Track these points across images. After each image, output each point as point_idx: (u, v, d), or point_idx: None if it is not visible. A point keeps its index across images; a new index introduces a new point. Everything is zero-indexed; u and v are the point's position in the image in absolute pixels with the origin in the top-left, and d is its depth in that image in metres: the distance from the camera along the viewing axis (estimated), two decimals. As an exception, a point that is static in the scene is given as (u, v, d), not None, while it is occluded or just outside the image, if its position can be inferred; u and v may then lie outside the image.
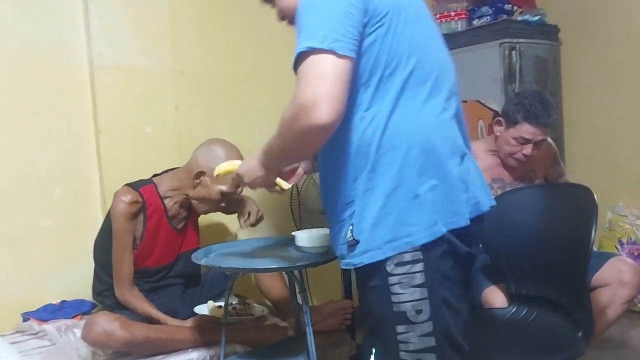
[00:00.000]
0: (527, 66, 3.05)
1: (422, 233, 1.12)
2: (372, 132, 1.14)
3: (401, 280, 1.13)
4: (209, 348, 1.83)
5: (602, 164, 3.25)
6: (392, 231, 1.13)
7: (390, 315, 1.15)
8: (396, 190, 1.13)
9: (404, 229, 1.13)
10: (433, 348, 1.14)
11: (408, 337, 1.14)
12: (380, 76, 1.14)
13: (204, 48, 2.48)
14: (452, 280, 1.16)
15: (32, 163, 2.13)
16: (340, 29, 1.06)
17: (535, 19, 3.12)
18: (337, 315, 2.13)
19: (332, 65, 1.05)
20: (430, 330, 1.14)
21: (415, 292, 1.13)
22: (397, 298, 1.14)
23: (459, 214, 1.14)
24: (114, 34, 2.23)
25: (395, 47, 1.14)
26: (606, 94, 3.22)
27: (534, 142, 2.08)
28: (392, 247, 1.13)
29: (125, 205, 1.86)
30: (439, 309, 1.14)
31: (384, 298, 1.15)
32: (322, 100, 1.03)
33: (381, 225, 1.14)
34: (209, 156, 1.93)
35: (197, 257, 1.66)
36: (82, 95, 2.21)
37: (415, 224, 1.13)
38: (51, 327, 1.93)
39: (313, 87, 1.04)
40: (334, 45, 1.04)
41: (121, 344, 1.71)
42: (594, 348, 1.72)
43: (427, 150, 1.14)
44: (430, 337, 1.14)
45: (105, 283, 1.96)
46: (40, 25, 2.13)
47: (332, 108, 1.03)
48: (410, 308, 1.13)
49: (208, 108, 2.48)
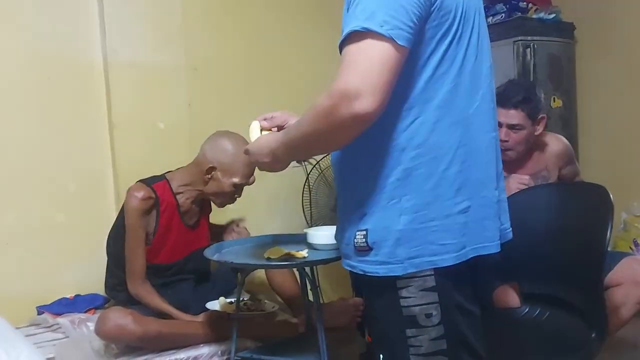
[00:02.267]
0: (541, 64, 3.02)
1: (448, 255, 1.06)
2: (409, 136, 1.05)
3: (409, 284, 1.09)
4: (220, 343, 1.84)
5: (617, 164, 3.21)
6: (416, 248, 1.06)
7: (399, 319, 1.11)
8: (429, 207, 1.06)
9: (430, 247, 1.06)
10: (444, 351, 1.11)
11: (419, 341, 1.11)
12: (432, 74, 1.04)
13: (216, 45, 2.49)
14: (464, 282, 1.12)
15: (47, 158, 2.15)
16: (403, 16, 0.95)
17: (550, 16, 3.09)
18: (348, 313, 2.13)
19: (388, 54, 0.94)
20: (441, 333, 1.10)
21: (425, 296, 1.09)
22: (406, 302, 1.09)
23: (491, 240, 1.10)
24: (128, 31, 2.25)
25: (452, 48, 1.05)
26: (621, 92, 3.18)
27: (508, 125, 2.04)
28: (414, 265, 1.07)
29: (138, 201, 1.87)
30: (450, 313, 1.10)
31: (391, 303, 1.11)
32: (370, 90, 0.93)
33: (406, 240, 1.06)
34: (217, 150, 1.94)
35: (209, 253, 1.67)
36: (97, 92, 2.24)
37: (443, 245, 1.06)
38: (65, 321, 1.95)
39: (362, 74, 0.94)
40: (394, 33, 0.94)
41: (134, 339, 1.73)
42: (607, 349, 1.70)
43: (468, 168, 1.07)
44: (441, 341, 1.10)
45: (118, 278, 1.98)
46: (56, 22, 2.15)
47: (379, 101, 0.94)
48: (419, 312, 1.09)
49: (220, 105, 2.49)
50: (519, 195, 1.99)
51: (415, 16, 0.97)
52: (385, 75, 0.94)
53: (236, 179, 1.94)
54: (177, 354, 1.77)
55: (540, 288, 1.85)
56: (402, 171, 1.06)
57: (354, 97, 0.93)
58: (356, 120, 0.96)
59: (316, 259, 1.59)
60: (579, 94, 3.31)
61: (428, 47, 1.03)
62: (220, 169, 1.93)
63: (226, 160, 1.93)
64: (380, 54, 0.94)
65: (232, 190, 1.97)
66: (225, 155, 1.94)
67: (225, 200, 2.02)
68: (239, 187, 1.98)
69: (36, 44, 2.12)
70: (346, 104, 0.94)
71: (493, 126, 1.16)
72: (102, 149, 2.25)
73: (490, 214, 1.11)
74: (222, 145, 1.95)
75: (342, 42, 0.99)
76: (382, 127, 1.05)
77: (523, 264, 1.89)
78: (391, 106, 1.01)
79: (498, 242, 1.12)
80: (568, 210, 1.85)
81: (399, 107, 1.05)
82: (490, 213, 1.11)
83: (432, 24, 1.02)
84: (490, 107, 1.15)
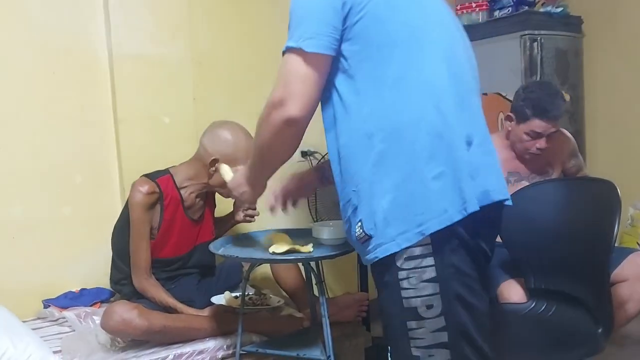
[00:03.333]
0: (548, 58, 3.00)
1: (433, 221, 1.09)
2: (372, 122, 1.13)
3: (410, 275, 1.11)
4: (226, 337, 1.84)
5: (624, 159, 3.19)
6: (404, 222, 1.10)
7: (401, 311, 1.13)
8: (406, 180, 1.11)
9: (416, 218, 1.10)
10: (445, 344, 1.11)
11: (420, 333, 1.12)
12: (374, 63, 1.13)
13: (221, 39, 2.49)
14: (466, 274, 1.13)
15: (53, 151, 2.16)
16: (313, 27, 1.12)
17: (557, 10, 3.06)
18: (353, 307, 2.13)
19: (300, 63, 1.12)
20: (442, 325, 1.11)
21: (426, 288, 1.10)
22: (407, 293, 1.11)
23: (468, 200, 1.10)
24: (133, 25, 2.25)
25: (384, 32, 1.13)
26: (629, 87, 3.16)
27: (546, 135, 2.07)
28: (406, 238, 1.10)
29: (142, 195, 1.88)
30: (451, 305, 1.11)
31: (393, 294, 1.13)
32: (289, 97, 1.11)
33: (393, 217, 1.11)
34: (217, 141, 1.94)
35: (215, 247, 1.67)
36: (102, 85, 2.24)
37: (425, 212, 1.10)
38: (71, 314, 1.97)
39: (282, 86, 1.13)
40: (304, 44, 1.11)
41: (139, 332, 1.74)
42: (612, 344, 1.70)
43: (434, 136, 1.11)
44: (442, 333, 1.11)
45: (123, 272, 1.98)
46: (62, 16, 2.16)
47: (300, 105, 1.12)
48: (420, 303, 1.11)
49: (225, 99, 2.49)
50: (525, 190, 1.99)
51: (326, 22, 1.12)
52: (304, 83, 1.12)
53: (240, 166, 1.94)
54: (183, 348, 1.78)
55: (546, 283, 1.84)
56: (375, 155, 1.13)
57: (279, 105, 1.13)
58: (287, 124, 1.13)
59: (321, 254, 1.59)
60: (586, 88, 3.29)
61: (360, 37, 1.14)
62: (223, 160, 1.93)
63: (228, 151, 1.93)
64: (294, 65, 1.13)
65: None
66: (226, 145, 1.93)
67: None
68: None
69: (42, 38, 2.12)
70: (275, 112, 1.13)
71: (457, 91, 1.16)
72: (108, 142, 2.26)
73: (464, 175, 1.11)
74: (222, 136, 1.95)
75: None
76: (349, 121, 1.16)
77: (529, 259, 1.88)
78: (349, 99, 1.15)
79: (476, 202, 1.10)
80: (575, 206, 1.84)
81: (355, 99, 1.15)
82: (464, 174, 1.11)
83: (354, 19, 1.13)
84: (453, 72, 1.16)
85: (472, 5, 3.17)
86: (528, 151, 2.12)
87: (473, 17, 3.18)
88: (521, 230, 1.84)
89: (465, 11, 3.20)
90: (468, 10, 3.19)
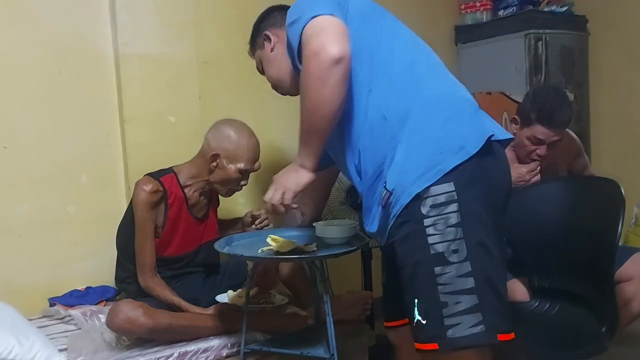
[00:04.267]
0: (553, 57, 3.00)
1: (450, 159, 1.16)
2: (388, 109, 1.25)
3: (436, 222, 1.15)
4: (230, 335, 1.85)
5: (629, 158, 3.19)
6: (421, 165, 1.17)
7: (428, 258, 1.16)
8: (416, 131, 1.21)
9: (432, 158, 1.17)
10: (473, 289, 1.14)
11: (447, 279, 1.14)
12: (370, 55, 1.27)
13: (227, 38, 2.49)
14: (486, 223, 1.17)
15: (59, 150, 2.17)
16: (329, 5, 1.23)
17: (562, 9, 3.06)
18: (357, 306, 2.13)
19: (322, 19, 1.20)
20: (468, 270, 1.14)
21: (451, 232, 1.14)
22: (433, 239, 1.15)
23: (482, 132, 1.20)
24: (139, 24, 2.25)
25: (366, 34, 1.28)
26: (634, 86, 3.16)
27: (548, 142, 2.05)
28: (425, 179, 1.16)
29: (146, 194, 1.89)
30: (475, 249, 1.15)
31: (420, 242, 1.16)
32: (326, 41, 1.18)
33: (410, 164, 1.19)
34: (220, 137, 1.95)
35: (220, 246, 1.68)
36: (108, 85, 2.25)
37: (442, 152, 1.17)
38: (77, 312, 1.97)
39: (314, 39, 1.19)
40: (324, 11, 1.21)
41: (144, 331, 1.74)
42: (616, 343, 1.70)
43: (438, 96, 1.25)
44: (469, 278, 1.14)
45: (128, 270, 1.99)
46: (68, 16, 2.16)
47: (338, 42, 1.18)
48: (446, 248, 1.14)
49: (231, 98, 2.50)
50: (530, 189, 1.99)
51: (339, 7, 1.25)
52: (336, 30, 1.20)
53: (241, 164, 1.95)
54: (187, 346, 1.78)
55: (550, 282, 1.85)
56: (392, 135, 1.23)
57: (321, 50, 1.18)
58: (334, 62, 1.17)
59: (325, 253, 1.59)
60: (592, 87, 3.28)
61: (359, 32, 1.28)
62: (224, 156, 1.94)
63: (230, 147, 1.94)
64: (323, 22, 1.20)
65: (238, 176, 1.97)
66: (229, 141, 1.95)
67: (231, 188, 2.03)
68: (245, 173, 1.99)
69: (48, 38, 2.13)
70: (317, 57, 1.18)
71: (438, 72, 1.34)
72: (113, 141, 2.26)
73: (473, 115, 1.25)
74: (225, 132, 1.96)
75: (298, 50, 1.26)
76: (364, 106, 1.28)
77: (533, 258, 1.88)
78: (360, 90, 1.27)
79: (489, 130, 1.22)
80: (579, 205, 1.84)
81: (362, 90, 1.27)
82: (473, 114, 1.25)
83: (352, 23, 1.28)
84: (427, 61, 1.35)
85: (477, 4, 3.18)
86: (528, 156, 2.10)
87: (477, 17, 3.18)
88: (525, 229, 1.85)
89: (470, 10, 3.20)
90: (472, 9, 3.19)
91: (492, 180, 1.21)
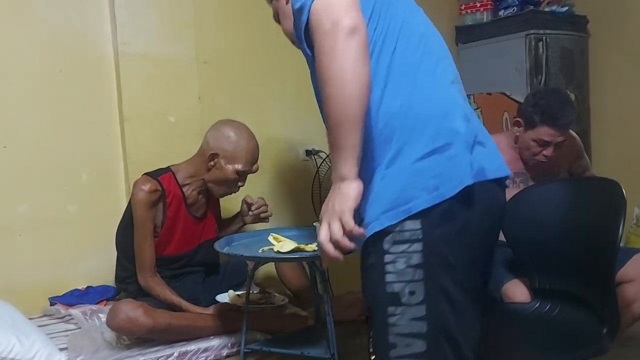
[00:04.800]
0: (554, 58, 2.99)
1: (422, 199, 1.05)
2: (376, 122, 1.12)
3: (397, 260, 1.07)
4: (230, 335, 1.85)
5: (630, 159, 3.18)
6: (390, 200, 1.08)
7: (383, 295, 1.09)
8: (395, 159, 1.10)
9: (403, 194, 1.07)
10: (423, 335, 1.07)
11: (398, 320, 1.08)
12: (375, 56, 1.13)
13: (227, 38, 2.49)
14: (453, 267, 1.08)
15: (59, 150, 2.17)
16: None
17: (563, 9, 3.06)
18: (357, 306, 2.14)
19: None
20: (422, 314, 1.07)
21: (410, 273, 1.06)
22: (390, 277, 1.07)
23: (463, 175, 1.07)
24: (139, 24, 2.26)
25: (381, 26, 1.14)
26: (635, 86, 3.15)
27: (554, 143, 2.05)
28: (389, 217, 1.07)
29: (144, 193, 1.89)
30: (434, 294, 1.07)
31: (378, 278, 1.09)
32: (340, 16, 1.04)
33: (380, 195, 1.09)
34: (219, 137, 1.96)
35: (220, 246, 1.68)
36: (108, 84, 2.25)
37: (414, 188, 1.06)
38: (77, 312, 1.98)
39: (326, 16, 1.05)
40: None
41: (144, 331, 1.74)
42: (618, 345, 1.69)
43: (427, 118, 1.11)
44: (422, 322, 1.07)
45: (128, 270, 1.99)
46: (68, 15, 2.17)
47: (351, 14, 1.04)
48: (402, 289, 1.07)
49: (231, 98, 2.50)
50: (530, 190, 1.98)
51: None
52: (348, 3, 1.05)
53: (239, 165, 1.95)
54: (187, 346, 1.78)
55: (551, 283, 1.84)
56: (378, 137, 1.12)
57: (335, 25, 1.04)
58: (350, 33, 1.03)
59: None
60: (592, 88, 3.28)
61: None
62: (223, 156, 1.94)
63: (229, 147, 1.94)
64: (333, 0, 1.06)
65: (235, 177, 1.97)
66: (228, 142, 1.95)
67: (227, 189, 2.02)
68: (243, 175, 1.99)
69: (48, 37, 2.13)
70: (332, 34, 1.04)
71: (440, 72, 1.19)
72: (113, 141, 2.27)
73: (459, 150, 1.10)
74: (225, 132, 1.96)
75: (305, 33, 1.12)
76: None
77: (534, 259, 1.88)
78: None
79: (470, 176, 1.08)
80: (580, 205, 1.84)
81: None
82: (459, 149, 1.10)
83: None
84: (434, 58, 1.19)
85: (477, 4, 3.17)
86: (534, 158, 2.10)
87: (478, 17, 3.18)
88: (526, 229, 1.84)
89: (470, 11, 3.19)
90: (472, 9, 3.19)
91: (468, 223, 1.10)
